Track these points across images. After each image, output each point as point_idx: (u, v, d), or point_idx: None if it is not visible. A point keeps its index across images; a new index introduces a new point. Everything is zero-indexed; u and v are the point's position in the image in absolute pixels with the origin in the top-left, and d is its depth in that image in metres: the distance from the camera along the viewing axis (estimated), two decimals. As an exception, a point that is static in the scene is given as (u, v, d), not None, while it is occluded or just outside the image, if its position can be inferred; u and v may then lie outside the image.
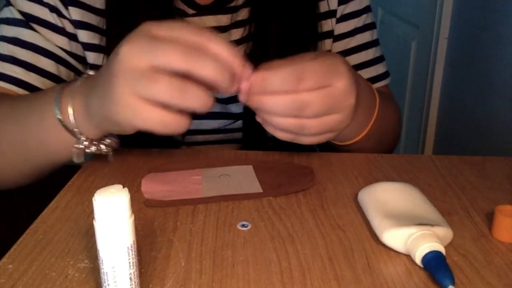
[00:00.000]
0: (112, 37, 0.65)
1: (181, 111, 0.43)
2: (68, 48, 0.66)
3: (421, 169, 0.60)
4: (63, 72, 0.67)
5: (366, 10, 0.75)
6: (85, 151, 0.52)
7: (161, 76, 0.41)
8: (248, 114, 0.69)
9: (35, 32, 0.64)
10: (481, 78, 1.44)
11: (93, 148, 0.52)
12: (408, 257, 0.42)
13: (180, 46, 0.41)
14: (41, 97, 0.55)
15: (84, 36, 0.65)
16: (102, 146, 0.53)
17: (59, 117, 0.50)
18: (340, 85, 0.48)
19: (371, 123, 0.60)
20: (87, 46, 0.66)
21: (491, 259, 0.43)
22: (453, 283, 0.38)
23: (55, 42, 0.65)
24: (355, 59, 0.74)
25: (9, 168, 0.59)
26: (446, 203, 0.52)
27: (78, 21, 0.65)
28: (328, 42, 0.73)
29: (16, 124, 0.55)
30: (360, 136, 0.60)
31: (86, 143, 0.51)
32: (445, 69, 1.66)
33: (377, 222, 0.45)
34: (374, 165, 0.61)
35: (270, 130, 0.51)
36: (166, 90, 0.41)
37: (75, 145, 0.51)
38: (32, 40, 0.64)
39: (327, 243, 0.45)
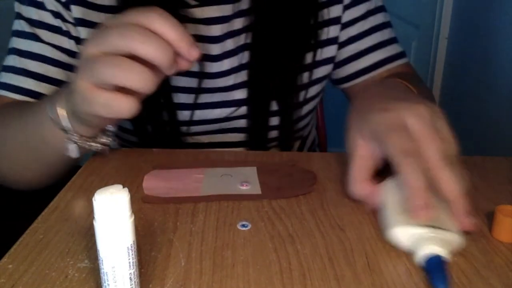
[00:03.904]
0: None
1: (128, 93, 0.45)
2: (75, 49, 0.68)
3: (421, 169, 0.60)
4: (72, 77, 0.68)
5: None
6: (79, 147, 0.54)
7: (101, 57, 0.44)
8: (252, 99, 0.70)
9: (43, 44, 0.66)
10: (481, 78, 1.44)
11: (86, 145, 0.54)
12: (408, 257, 0.42)
13: (122, 30, 0.43)
14: (42, 100, 0.58)
15: (85, 33, 0.67)
16: (96, 144, 0.55)
17: (51, 115, 0.53)
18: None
19: None
20: None
21: (491, 259, 0.43)
22: None
23: (62, 44, 0.67)
24: (372, 40, 0.74)
25: (23, 170, 0.62)
26: (446, 203, 0.52)
27: (80, 19, 0.66)
28: (333, 47, 0.73)
29: (22, 126, 0.59)
30: None
31: (76, 139, 0.54)
32: (445, 69, 1.66)
33: (389, 216, 0.45)
34: (374, 165, 0.61)
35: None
36: (102, 67, 0.44)
37: (65, 140, 0.53)
38: (41, 51, 0.67)
39: (327, 243, 0.45)
